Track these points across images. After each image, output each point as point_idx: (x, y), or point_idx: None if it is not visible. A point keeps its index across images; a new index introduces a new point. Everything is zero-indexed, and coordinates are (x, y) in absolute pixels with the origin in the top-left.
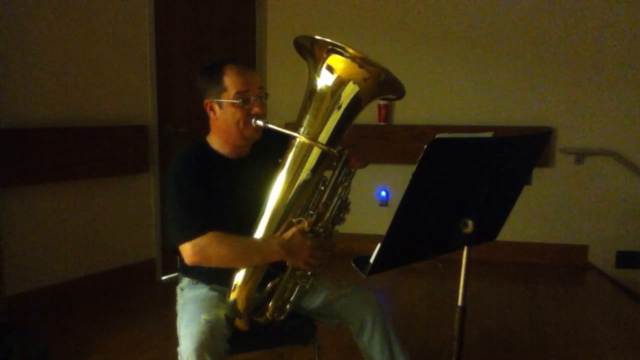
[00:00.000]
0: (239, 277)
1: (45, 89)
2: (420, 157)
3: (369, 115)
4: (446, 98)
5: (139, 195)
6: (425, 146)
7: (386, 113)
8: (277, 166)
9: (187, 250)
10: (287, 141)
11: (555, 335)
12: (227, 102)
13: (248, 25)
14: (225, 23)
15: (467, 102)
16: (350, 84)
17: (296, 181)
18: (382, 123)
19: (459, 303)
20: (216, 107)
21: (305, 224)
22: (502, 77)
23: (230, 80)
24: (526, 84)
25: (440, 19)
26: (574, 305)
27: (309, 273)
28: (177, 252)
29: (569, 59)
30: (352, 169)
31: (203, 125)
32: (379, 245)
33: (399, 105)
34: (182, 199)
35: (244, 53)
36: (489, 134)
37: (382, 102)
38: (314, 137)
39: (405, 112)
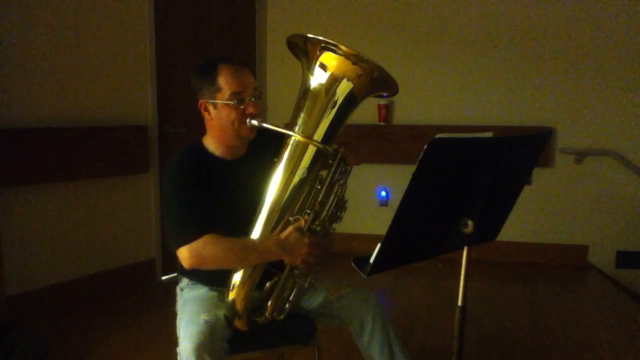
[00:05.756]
0: (237, 277)
1: (45, 89)
2: (420, 157)
3: (369, 115)
4: (446, 98)
5: (139, 195)
6: (425, 146)
7: (386, 113)
8: (272, 165)
9: (185, 255)
10: (282, 140)
11: (555, 335)
12: (222, 102)
13: (248, 25)
14: (225, 23)
15: (467, 102)
16: (344, 81)
17: (292, 180)
18: (382, 123)
19: (459, 303)
20: (211, 108)
21: (302, 222)
22: (502, 77)
23: (225, 81)
24: (526, 84)
25: (440, 18)
26: (574, 305)
27: (308, 272)
28: (176, 257)
29: (569, 59)
30: (348, 167)
31: (203, 125)
32: (378, 245)
33: (399, 105)
34: (178, 204)
35: (244, 53)
36: (489, 134)
37: (381, 102)
38: (309, 135)
39: (405, 112)
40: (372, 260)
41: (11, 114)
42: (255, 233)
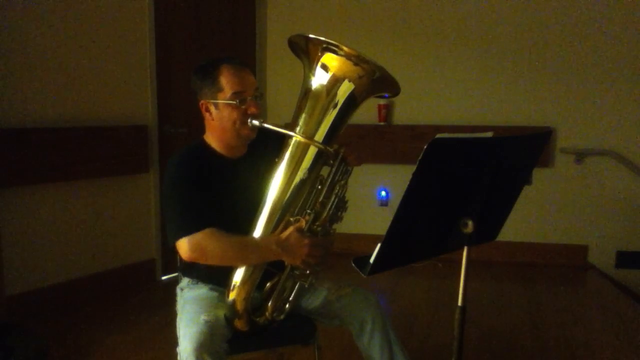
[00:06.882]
0: (238, 277)
1: (45, 89)
2: (420, 157)
3: (369, 115)
4: (446, 98)
5: (139, 195)
6: (425, 146)
7: (386, 113)
8: (273, 165)
9: (184, 246)
10: (283, 140)
11: (555, 335)
12: (224, 102)
13: (248, 25)
14: (225, 23)
15: (467, 102)
16: (346, 82)
17: (293, 180)
18: (382, 123)
19: (459, 303)
20: (212, 108)
21: (302, 223)
22: (502, 77)
23: (226, 81)
24: (526, 84)
25: (440, 18)
26: (574, 305)
27: (308, 272)
28: (176, 250)
29: (569, 59)
30: (348, 167)
31: (203, 125)
32: (378, 245)
33: (399, 105)
34: (179, 197)
35: (244, 53)
36: (489, 134)
37: (382, 102)
38: (310, 136)
39: (405, 112)
40: (372, 260)
41: (11, 114)
42: (256, 233)
